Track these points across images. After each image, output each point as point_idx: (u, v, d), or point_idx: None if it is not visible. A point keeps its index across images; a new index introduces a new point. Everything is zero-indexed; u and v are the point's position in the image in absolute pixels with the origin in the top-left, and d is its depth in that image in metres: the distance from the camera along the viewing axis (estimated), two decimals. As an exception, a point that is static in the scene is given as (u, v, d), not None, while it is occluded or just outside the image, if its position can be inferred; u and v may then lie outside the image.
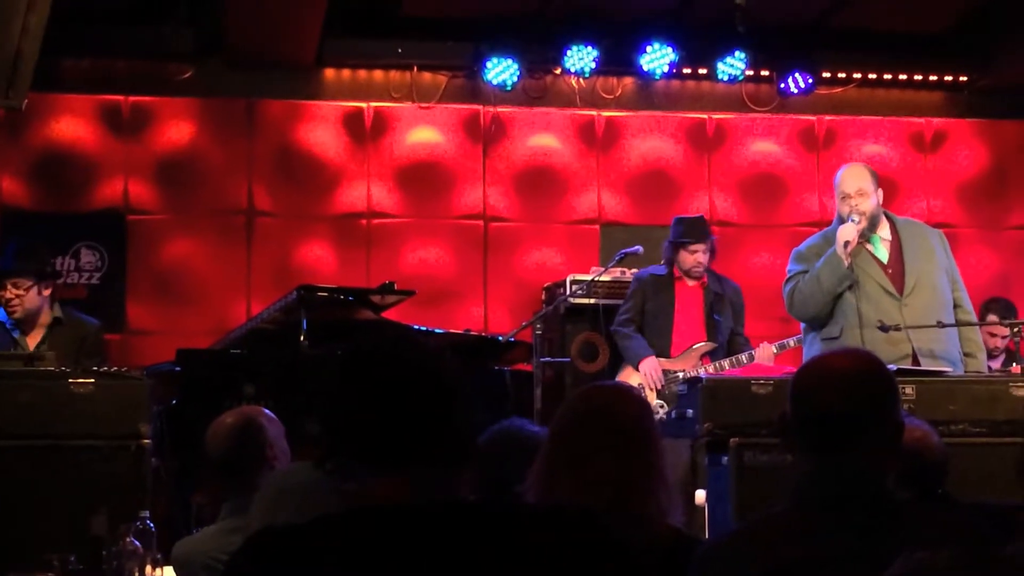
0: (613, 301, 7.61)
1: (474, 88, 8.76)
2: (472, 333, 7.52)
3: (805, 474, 2.43)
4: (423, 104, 8.76)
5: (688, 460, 5.10)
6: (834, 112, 9.17)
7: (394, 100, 8.75)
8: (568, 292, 7.71)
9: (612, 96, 8.99)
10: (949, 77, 9.19)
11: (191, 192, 8.52)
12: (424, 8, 8.49)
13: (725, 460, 4.91)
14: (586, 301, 7.74)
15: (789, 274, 6.01)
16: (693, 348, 7.16)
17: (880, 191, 5.97)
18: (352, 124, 8.72)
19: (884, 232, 5.98)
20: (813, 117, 9.16)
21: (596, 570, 1.96)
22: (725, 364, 7.05)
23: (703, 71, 8.91)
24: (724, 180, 9.08)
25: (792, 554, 2.32)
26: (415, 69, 8.74)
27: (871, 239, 5.94)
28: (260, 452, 3.79)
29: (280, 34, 8.22)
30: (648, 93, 9.01)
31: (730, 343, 7.25)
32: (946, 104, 9.32)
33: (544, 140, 8.93)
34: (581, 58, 8.45)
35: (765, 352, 7.06)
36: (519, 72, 8.49)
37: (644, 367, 7.08)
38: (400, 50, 8.63)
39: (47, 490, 4.74)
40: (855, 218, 5.80)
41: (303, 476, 3.01)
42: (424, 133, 8.80)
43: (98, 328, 6.77)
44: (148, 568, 3.72)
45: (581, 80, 8.82)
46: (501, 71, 8.46)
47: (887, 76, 9.17)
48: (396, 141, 8.76)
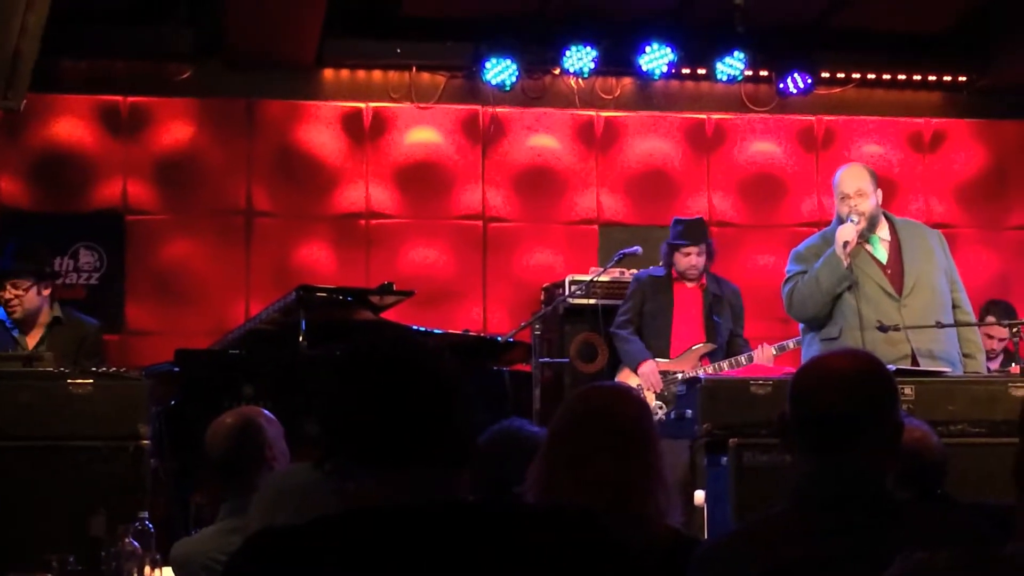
0: (612, 302, 7.60)
1: (473, 88, 8.76)
2: (471, 333, 7.51)
3: (804, 474, 2.43)
4: (422, 104, 8.76)
5: (687, 461, 5.10)
6: (833, 112, 9.16)
7: (393, 100, 8.75)
8: (567, 292, 7.71)
9: (611, 96, 8.98)
10: (948, 77, 9.18)
11: (190, 192, 8.51)
12: (423, 8, 8.49)
13: (724, 461, 4.91)
14: (585, 301, 7.73)
15: (788, 274, 6.01)
16: (692, 349, 7.16)
17: (879, 191, 5.96)
18: (351, 124, 8.71)
19: (883, 232, 5.98)
20: (812, 117, 9.15)
21: (595, 570, 1.96)
22: (724, 365, 7.04)
23: (702, 71, 8.90)
24: (723, 180, 9.07)
25: (792, 554, 2.32)
26: (414, 69, 8.74)
27: (870, 239, 5.94)
28: (259, 453, 3.79)
29: (280, 34, 8.22)
30: (647, 93, 9.00)
31: (729, 345, 7.25)
32: (945, 104, 9.31)
33: (543, 140, 8.93)
34: (580, 58, 8.44)
35: (764, 354, 7.05)
36: (518, 72, 8.49)
37: (642, 371, 7.07)
38: (399, 50, 8.62)
39: (46, 490, 4.73)
40: (854, 218, 5.80)
41: (302, 477, 3.02)
42: (423, 133, 8.79)
43: (97, 328, 6.78)
44: (147, 569, 3.72)
45: (580, 80, 8.81)
46: (500, 71, 8.45)
47: (886, 76, 9.16)
48: (395, 141, 8.75)
